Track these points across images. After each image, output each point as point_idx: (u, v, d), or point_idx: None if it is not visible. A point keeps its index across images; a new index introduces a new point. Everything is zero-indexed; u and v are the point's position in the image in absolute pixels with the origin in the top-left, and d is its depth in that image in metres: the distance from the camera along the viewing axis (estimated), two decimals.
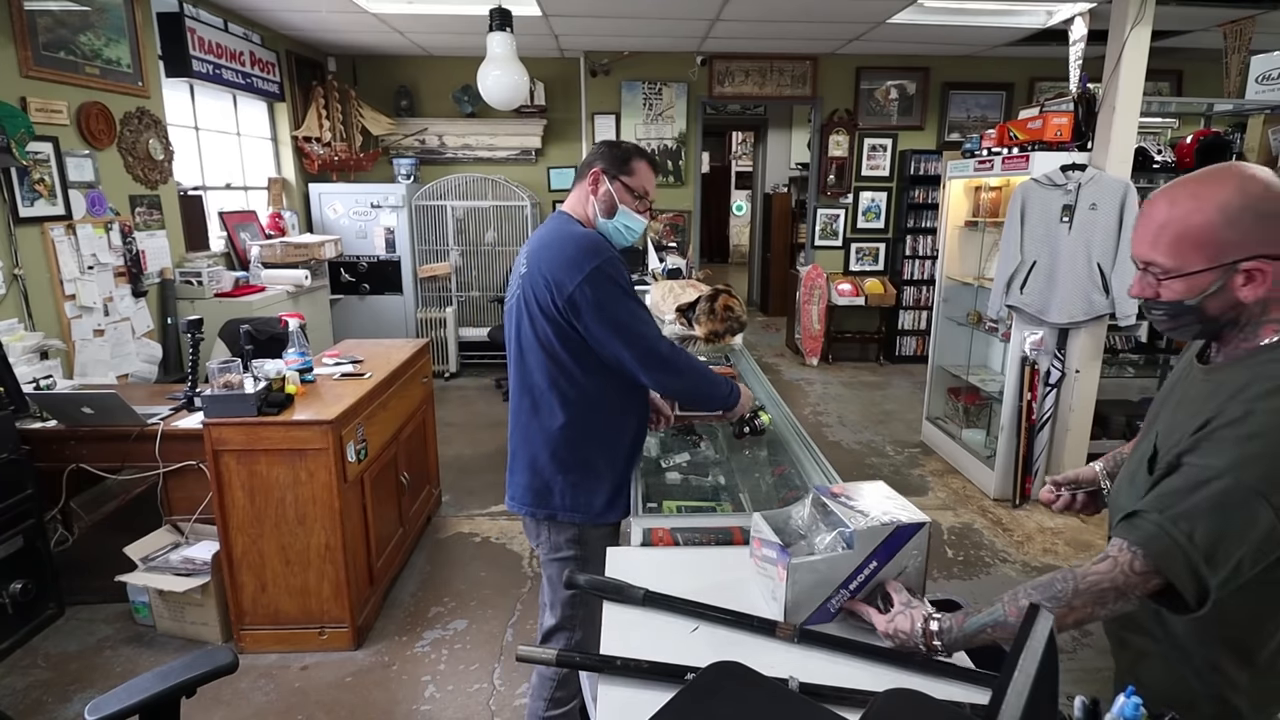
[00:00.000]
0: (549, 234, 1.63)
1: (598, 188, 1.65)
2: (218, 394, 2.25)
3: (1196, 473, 0.93)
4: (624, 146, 1.69)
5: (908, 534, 1.13)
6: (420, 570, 3.02)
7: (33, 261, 3.03)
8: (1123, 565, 0.94)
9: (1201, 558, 0.90)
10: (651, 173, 1.69)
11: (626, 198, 1.66)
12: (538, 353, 1.60)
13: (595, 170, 1.64)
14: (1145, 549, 0.93)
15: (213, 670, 1.19)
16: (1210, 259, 0.95)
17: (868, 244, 6.48)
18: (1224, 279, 0.95)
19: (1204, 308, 0.98)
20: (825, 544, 1.15)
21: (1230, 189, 0.94)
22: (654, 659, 1.04)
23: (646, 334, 1.56)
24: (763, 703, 0.93)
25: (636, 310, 1.56)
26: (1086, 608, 0.96)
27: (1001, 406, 3.69)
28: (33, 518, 2.47)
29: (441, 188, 5.75)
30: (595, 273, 1.51)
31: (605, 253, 1.54)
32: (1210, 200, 0.94)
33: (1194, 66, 5.95)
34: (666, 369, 1.58)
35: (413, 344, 3.24)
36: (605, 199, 1.65)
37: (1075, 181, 3.27)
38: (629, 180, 1.65)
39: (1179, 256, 0.97)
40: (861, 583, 1.14)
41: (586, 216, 1.67)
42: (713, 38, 5.37)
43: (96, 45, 3.39)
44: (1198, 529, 0.90)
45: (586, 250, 1.53)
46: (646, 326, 1.57)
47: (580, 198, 1.68)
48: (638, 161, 1.67)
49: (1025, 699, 0.66)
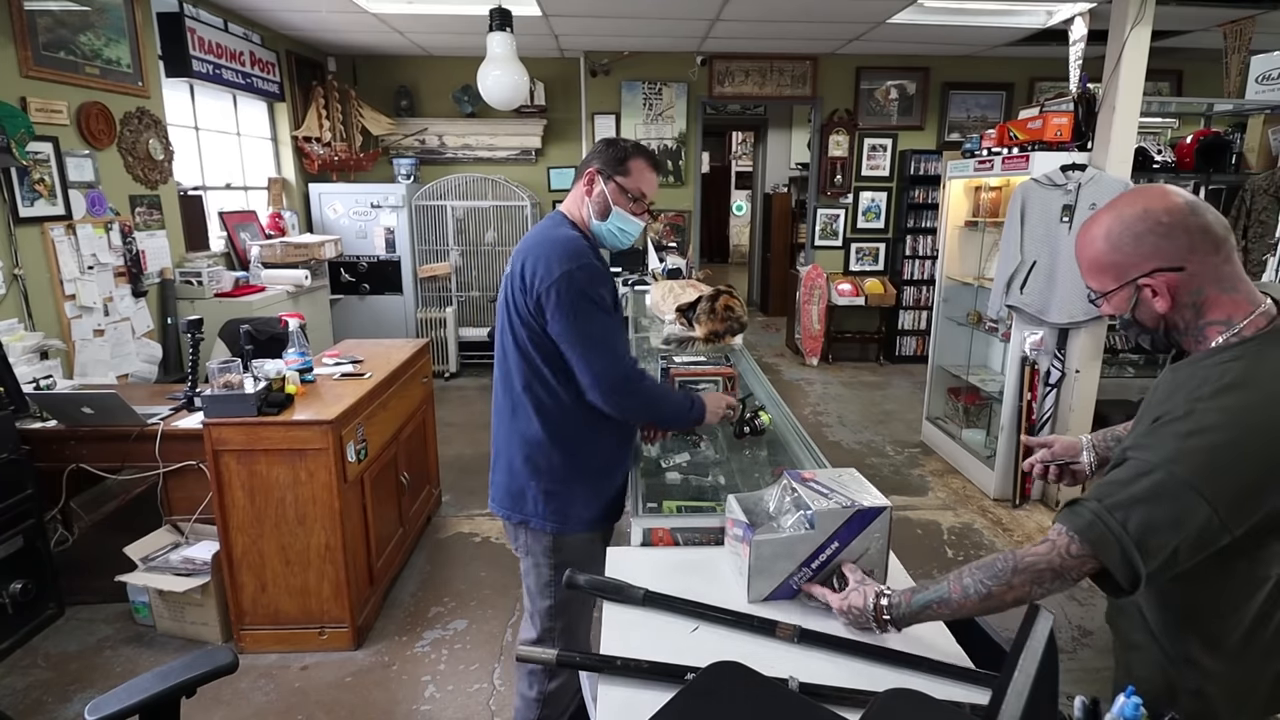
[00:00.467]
0: (537, 234, 1.60)
1: (592, 188, 1.61)
2: (218, 394, 2.25)
3: (1137, 465, 0.99)
4: (622, 145, 1.62)
5: (869, 517, 1.20)
6: (420, 570, 3.02)
7: (33, 261, 3.03)
8: (1060, 549, 1.00)
9: (1133, 545, 0.95)
10: (650, 172, 1.63)
11: (621, 199, 1.60)
12: (516, 355, 1.58)
13: (590, 170, 1.60)
14: (1081, 535, 0.98)
15: (213, 670, 1.19)
16: (1116, 279, 1.05)
17: (868, 244, 6.48)
18: (1135, 295, 1.05)
19: (1137, 320, 1.07)
20: (790, 524, 1.22)
21: (1110, 217, 1.05)
22: (654, 659, 1.04)
23: (605, 351, 1.50)
24: (762, 703, 0.93)
25: (603, 324, 1.51)
26: (1025, 586, 1.01)
27: (1001, 406, 3.69)
28: (33, 518, 2.46)
29: (441, 188, 5.75)
30: (566, 277, 1.46)
31: (582, 258, 1.50)
32: (1096, 230, 1.06)
33: (1194, 66, 5.95)
34: (620, 391, 1.51)
35: (413, 344, 3.24)
36: (599, 200, 1.61)
37: (1075, 181, 3.27)
38: (624, 181, 1.60)
39: (1096, 279, 1.08)
40: (823, 562, 1.21)
41: (581, 218, 1.63)
42: (713, 38, 5.37)
43: (96, 45, 3.39)
44: (1132, 518, 0.95)
45: (564, 254, 1.49)
46: (606, 344, 1.50)
47: (576, 198, 1.64)
48: (635, 161, 1.60)
49: (1025, 699, 0.66)
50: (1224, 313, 1.03)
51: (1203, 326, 1.04)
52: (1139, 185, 1.09)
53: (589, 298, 1.48)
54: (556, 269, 1.47)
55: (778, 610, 1.18)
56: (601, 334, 1.49)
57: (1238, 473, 0.94)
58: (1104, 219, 1.06)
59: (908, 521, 3.49)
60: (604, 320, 1.50)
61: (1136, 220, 1.03)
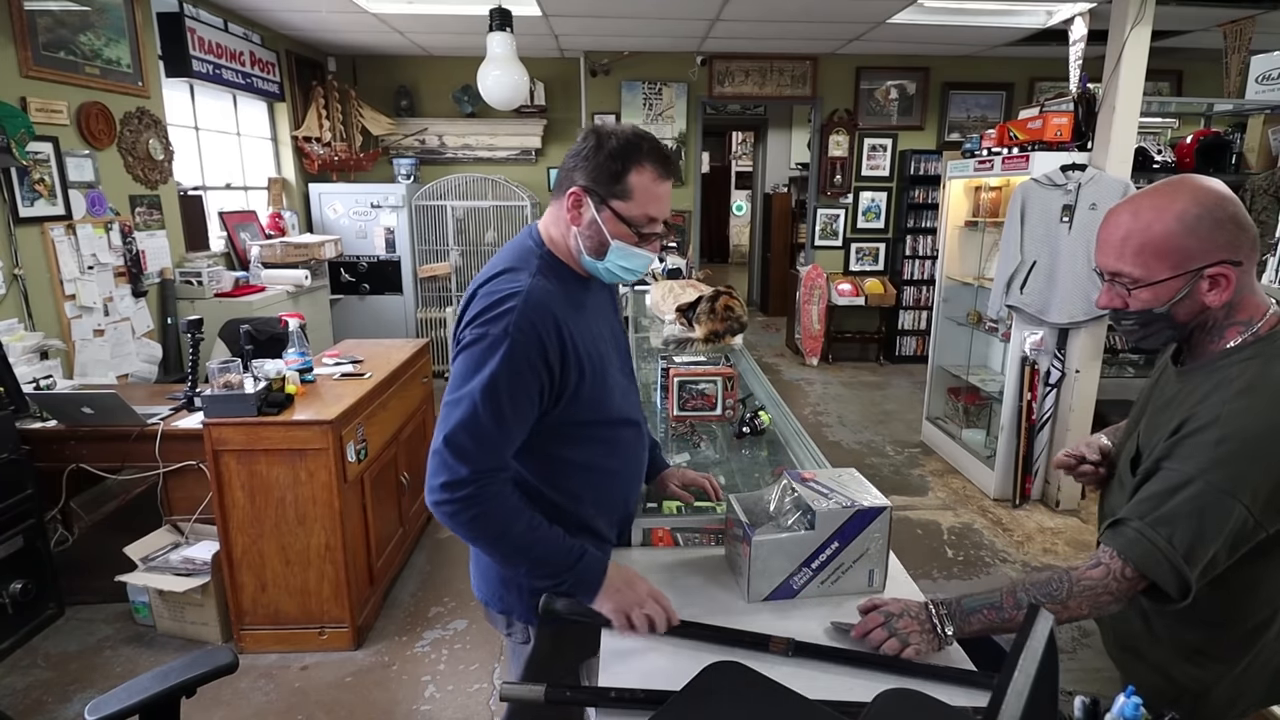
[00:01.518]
0: (495, 272, 1.19)
1: (579, 214, 1.16)
2: (218, 394, 2.25)
3: (1173, 477, 0.99)
4: (616, 148, 1.14)
5: (869, 517, 1.19)
6: (420, 570, 3.02)
7: (33, 261, 3.03)
8: (1114, 572, 1.00)
9: (1181, 557, 0.96)
10: (659, 181, 1.16)
11: (621, 230, 1.16)
12: None
13: (575, 191, 1.15)
14: (1128, 555, 0.99)
15: (213, 670, 1.19)
16: (1176, 266, 0.99)
17: (868, 244, 6.48)
18: (1190, 285, 0.99)
19: (1173, 314, 1.02)
20: (790, 524, 1.21)
21: (1186, 199, 0.98)
22: (651, 687, 1.00)
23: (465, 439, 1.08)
24: (762, 702, 0.93)
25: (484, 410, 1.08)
26: (1082, 609, 1.02)
27: (1001, 406, 3.69)
28: (33, 518, 2.46)
29: (441, 188, 5.75)
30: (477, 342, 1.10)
31: (506, 332, 1.09)
32: (1169, 210, 0.98)
33: (1194, 66, 5.95)
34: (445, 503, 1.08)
35: (413, 344, 3.24)
36: (591, 233, 1.17)
37: (1075, 181, 3.27)
38: (624, 206, 1.14)
39: (1145, 266, 1.00)
40: (823, 562, 1.20)
41: (568, 249, 1.21)
42: (713, 38, 5.37)
43: (96, 45, 3.39)
44: (1176, 532, 0.96)
45: (494, 315, 1.10)
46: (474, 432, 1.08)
47: (557, 218, 1.21)
48: (636, 174, 1.14)
49: (1025, 699, 0.65)
50: (1247, 313, 1.03)
51: (1225, 327, 1.03)
52: (1180, 175, 1.04)
53: (482, 379, 1.08)
54: (482, 325, 1.10)
55: (776, 615, 1.17)
56: (469, 429, 1.08)
57: (1270, 472, 0.95)
58: (1178, 199, 0.98)
59: (908, 521, 3.49)
60: (480, 417, 1.08)
61: (1216, 206, 0.97)
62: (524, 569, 1.16)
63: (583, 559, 1.14)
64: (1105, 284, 1.07)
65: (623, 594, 1.13)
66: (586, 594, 1.14)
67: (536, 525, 1.13)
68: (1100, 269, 1.07)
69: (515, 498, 1.14)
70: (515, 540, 1.12)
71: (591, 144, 1.15)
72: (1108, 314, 1.08)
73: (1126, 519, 1.01)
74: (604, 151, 1.14)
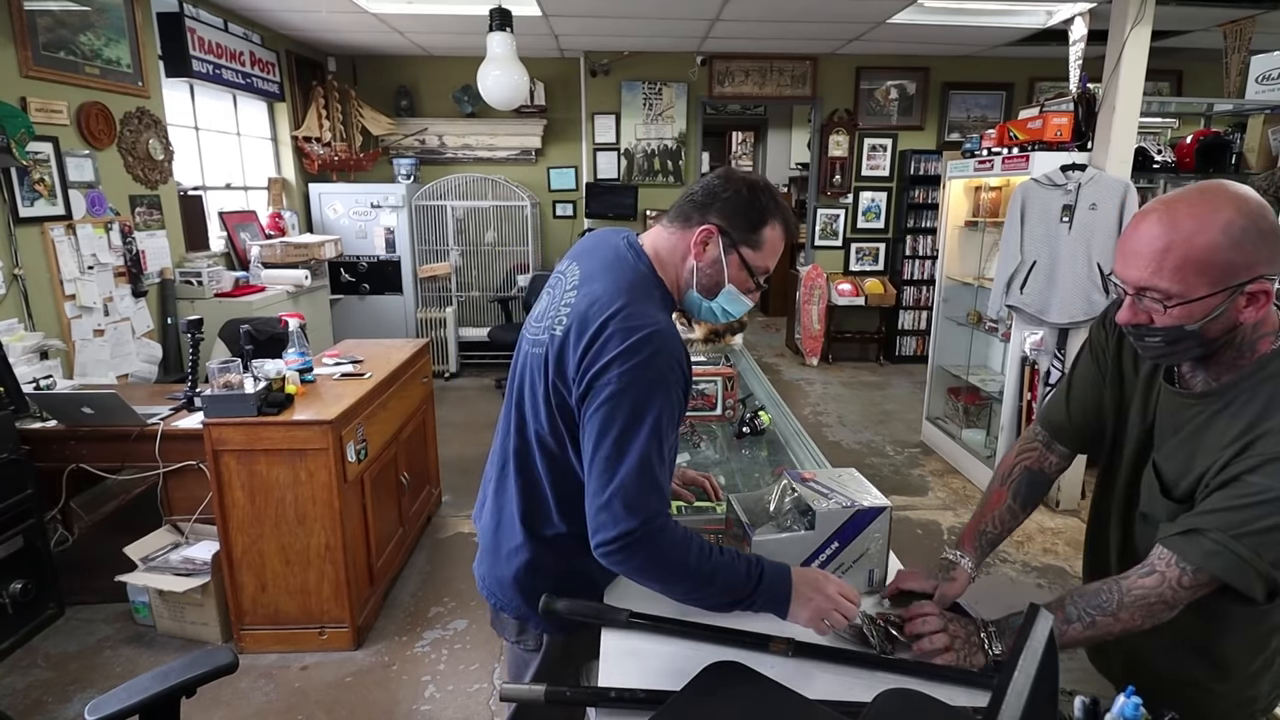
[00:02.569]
0: (618, 285, 1.12)
1: (705, 250, 1.17)
2: (218, 394, 2.25)
3: (1257, 491, 0.93)
4: (759, 197, 1.16)
5: (869, 517, 1.19)
6: (420, 570, 3.02)
7: (33, 261, 3.03)
8: (1170, 581, 0.97)
9: (1270, 566, 0.92)
10: (783, 241, 1.19)
11: (741, 276, 1.19)
12: (550, 435, 1.17)
13: (709, 227, 1.16)
14: (1206, 565, 0.95)
15: (213, 670, 1.19)
16: (1216, 283, 0.91)
17: (868, 244, 6.48)
18: (1228, 302, 0.92)
19: (1205, 332, 0.94)
20: (790, 525, 1.22)
21: (1230, 208, 0.90)
22: (652, 687, 1.00)
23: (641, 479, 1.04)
24: (762, 702, 0.93)
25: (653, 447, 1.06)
26: (1135, 619, 0.99)
27: (1001, 406, 3.69)
28: (33, 518, 2.46)
29: (441, 188, 5.75)
30: (646, 367, 1.06)
31: (683, 354, 1.10)
32: (1213, 221, 0.89)
33: (1194, 66, 5.95)
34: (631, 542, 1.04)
35: (413, 344, 3.24)
36: (712, 270, 1.18)
37: (1075, 181, 3.27)
38: (752, 255, 1.17)
39: (1184, 281, 0.91)
40: (823, 562, 1.20)
41: (677, 278, 1.20)
42: (713, 38, 5.37)
43: (96, 45, 3.39)
44: (1265, 545, 0.92)
45: (662, 346, 1.07)
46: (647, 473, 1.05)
47: (673, 247, 1.19)
48: (773, 228, 1.17)
49: (1025, 699, 0.66)
50: (1272, 324, 0.98)
51: (1256, 340, 0.98)
52: (1214, 181, 0.96)
53: (658, 420, 1.06)
54: (635, 371, 1.05)
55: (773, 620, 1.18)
56: (645, 469, 1.05)
57: None
58: (1222, 209, 0.90)
59: (908, 521, 3.49)
60: (651, 453, 1.06)
61: (1260, 216, 0.90)
62: (709, 601, 1.12)
63: (764, 577, 1.09)
64: (1129, 298, 0.97)
65: (815, 601, 1.10)
66: (778, 610, 1.11)
67: (709, 552, 1.09)
68: (1124, 281, 0.97)
69: (680, 529, 1.09)
70: (695, 574, 1.08)
71: (737, 191, 1.16)
72: (1127, 328, 1.00)
73: (1203, 529, 0.96)
74: (745, 198, 1.16)
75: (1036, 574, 3.03)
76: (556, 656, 1.31)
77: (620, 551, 1.05)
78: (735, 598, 1.10)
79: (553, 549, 1.23)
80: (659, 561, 1.07)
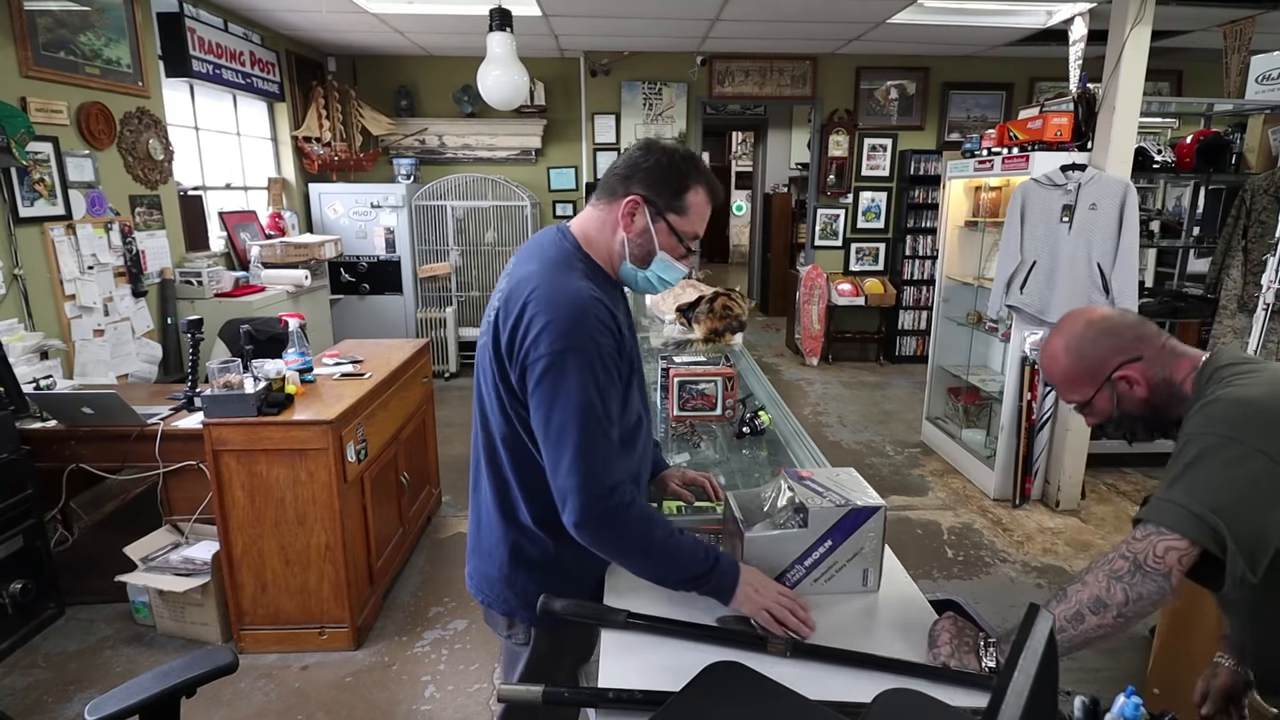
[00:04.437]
0: (541, 273, 1.16)
1: (632, 221, 1.20)
2: (218, 394, 2.25)
3: (1179, 448, 1.05)
4: (681, 166, 1.19)
5: (863, 516, 1.19)
6: (420, 570, 3.02)
7: (33, 261, 3.03)
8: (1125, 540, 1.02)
9: (1209, 511, 0.96)
10: (709, 203, 1.22)
11: (671, 243, 1.21)
12: (504, 427, 1.21)
13: (634, 198, 1.18)
14: (1147, 517, 1.01)
15: (213, 670, 1.19)
16: (1092, 383, 1.17)
17: (868, 244, 6.48)
18: (1114, 392, 1.16)
19: (1126, 413, 1.18)
20: (783, 522, 1.22)
21: (1061, 336, 1.19)
22: (651, 688, 1.00)
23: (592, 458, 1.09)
24: (762, 702, 0.93)
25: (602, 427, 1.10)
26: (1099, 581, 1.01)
27: (1001, 406, 3.69)
28: (33, 518, 2.46)
29: (441, 188, 5.75)
30: (571, 354, 1.09)
31: (600, 328, 1.12)
32: (1056, 348, 1.20)
33: (1194, 66, 5.95)
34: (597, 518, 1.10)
35: (413, 344, 3.24)
36: (641, 241, 1.21)
37: (1075, 181, 3.27)
38: (679, 221, 1.20)
39: (1074, 392, 1.19)
40: (816, 560, 1.20)
41: (610, 253, 1.23)
42: (713, 38, 5.37)
43: (96, 45, 3.39)
44: (1193, 485, 0.99)
45: (577, 320, 1.10)
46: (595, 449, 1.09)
47: (602, 224, 1.22)
48: (695, 192, 1.20)
49: (1025, 699, 0.65)
50: (1188, 365, 1.14)
51: (1179, 384, 1.14)
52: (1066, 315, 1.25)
53: (594, 385, 1.09)
54: (560, 340, 1.09)
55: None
56: (594, 445, 1.10)
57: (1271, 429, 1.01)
58: (1056, 342, 1.20)
59: (908, 521, 3.49)
60: (598, 427, 1.10)
61: (1083, 331, 1.18)
62: (671, 579, 1.17)
63: (718, 564, 1.15)
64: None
65: (760, 595, 1.15)
66: (723, 597, 1.15)
67: (671, 531, 1.15)
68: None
69: (646, 506, 1.16)
70: (660, 549, 1.13)
71: (655, 159, 1.19)
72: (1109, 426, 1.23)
73: (1153, 496, 1.04)
74: (665, 166, 1.19)
75: (1036, 574, 3.03)
76: (544, 650, 1.32)
77: (587, 526, 1.10)
78: (691, 578, 1.15)
79: (529, 538, 1.25)
80: (627, 537, 1.13)
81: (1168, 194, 4.77)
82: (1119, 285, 3.29)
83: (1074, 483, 3.62)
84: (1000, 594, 2.88)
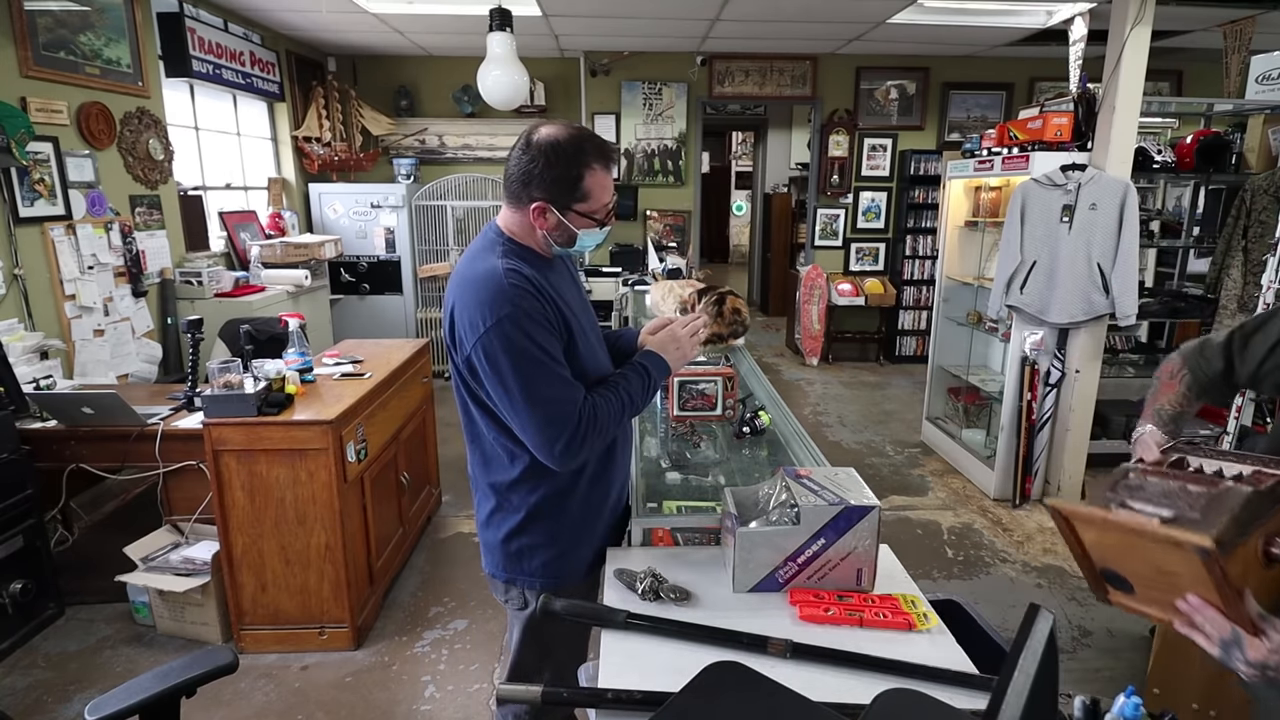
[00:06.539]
0: (462, 268, 1.32)
1: (546, 220, 1.29)
2: (218, 394, 2.25)
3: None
4: (565, 153, 1.25)
5: (856, 515, 1.20)
6: (420, 570, 3.02)
7: (33, 261, 3.03)
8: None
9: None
10: (607, 174, 1.30)
11: (585, 223, 1.31)
12: (476, 408, 1.36)
13: (537, 205, 1.27)
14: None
15: (213, 670, 1.19)
16: None
17: (868, 244, 6.48)
18: None
19: None
20: (776, 519, 1.24)
21: None
22: (650, 688, 1.00)
23: (550, 409, 1.23)
24: (762, 702, 0.93)
25: (545, 375, 1.23)
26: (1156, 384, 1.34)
27: (1001, 406, 3.69)
28: (33, 518, 2.47)
29: (441, 188, 5.75)
30: (493, 333, 1.22)
31: (509, 300, 1.22)
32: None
33: (1194, 66, 5.95)
34: (573, 450, 1.25)
35: (413, 344, 3.24)
36: (559, 231, 1.31)
37: (1075, 181, 3.27)
38: (585, 206, 1.29)
39: None
40: (809, 557, 1.21)
41: (537, 243, 1.34)
42: (713, 38, 5.37)
43: (96, 45, 3.39)
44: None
45: (488, 300, 1.23)
46: (550, 401, 1.23)
47: (519, 223, 1.33)
48: (590, 176, 1.27)
49: (1025, 699, 0.66)
50: None
51: None
52: None
53: (520, 350, 1.22)
54: (481, 322, 1.22)
55: (770, 615, 1.17)
56: (544, 391, 1.23)
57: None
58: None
59: (908, 521, 3.49)
60: (544, 372, 1.23)
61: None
62: (636, 406, 1.37)
63: (650, 368, 1.40)
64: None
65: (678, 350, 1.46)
66: (664, 375, 1.42)
67: (618, 387, 1.34)
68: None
69: (599, 399, 1.30)
70: (623, 409, 1.33)
71: (542, 160, 1.25)
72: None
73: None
74: (556, 165, 1.25)
75: (1036, 574, 3.03)
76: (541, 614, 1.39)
77: (567, 456, 1.26)
78: (648, 392, 1.39)
79: (513, 491, 1.38)
80: (602, 434, 1.29)
81: (1168, 194, 4.76)
82: (1119, 285, 3.30)
83: (1074, 483, 3.62)
84: (1000, 594, 2.88)
